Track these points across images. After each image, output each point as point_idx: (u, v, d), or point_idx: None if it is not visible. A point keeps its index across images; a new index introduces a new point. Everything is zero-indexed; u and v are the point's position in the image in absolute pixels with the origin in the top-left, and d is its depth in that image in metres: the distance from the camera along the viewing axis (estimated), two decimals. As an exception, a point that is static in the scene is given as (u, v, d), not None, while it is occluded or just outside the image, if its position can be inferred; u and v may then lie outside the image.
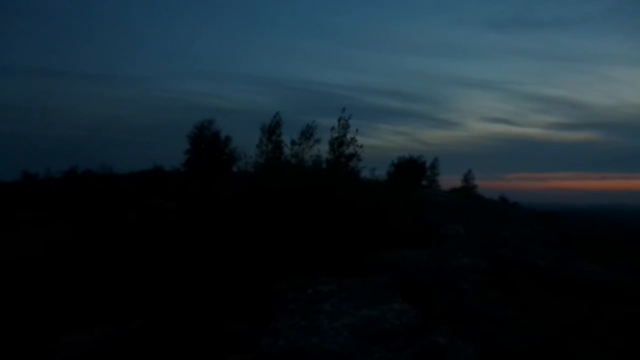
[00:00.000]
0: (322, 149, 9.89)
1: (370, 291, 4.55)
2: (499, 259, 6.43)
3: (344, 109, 9.62)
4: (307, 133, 10.34)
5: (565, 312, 4.44)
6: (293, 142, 10.28)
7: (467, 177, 19.58)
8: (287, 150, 10.44)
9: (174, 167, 17.17)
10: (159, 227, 7.75)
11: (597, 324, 4.42)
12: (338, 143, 9.62)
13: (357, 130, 9.66)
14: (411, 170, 16.97)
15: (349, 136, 9.58)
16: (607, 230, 14.32)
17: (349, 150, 9.54)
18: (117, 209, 9.49)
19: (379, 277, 5.12)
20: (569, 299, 5.06)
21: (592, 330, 4.18)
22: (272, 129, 11.14)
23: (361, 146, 9.52)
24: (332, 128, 9.71)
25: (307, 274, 5.19)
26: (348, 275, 5.19)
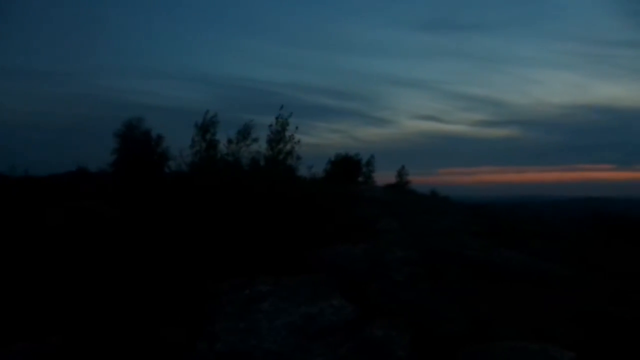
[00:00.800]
0: (261, 147, 9.76)
1: (309, 288, 4.55)
2: (431, 250, 6.71)
3: (282, 107, 9.57)
4: (245, 131, 10.16)
5: (491, 297, 4.73)
6: (229, 141, 10.05)
7: (401, 173, 20.25)
8: (222, 149, 10.19)
9: (100, 168, 16.15)
10: (83, 231, 7.26)
11: (519, 305, 4.75)
12: (276, 141, 9.55)
13: (297, 128, 9.66)
14: (347, 167, 17.24)
15: (287, 134, 9.55)
16: (527, 220, 15.44)
17: (287, 147, 9.50)
18: (34, 213, 8.77)
19: (318, 274, 5.15)
20: (494, 284, 5.40)
21: (515, 312, 4.49)
22: (206, 127, 10.81)
23: (298, 141, 9.53)
24: (270, 125, 9.63)
25: (244, 274, 5.10)
26: (286, 273, 5.16)
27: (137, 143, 15.61)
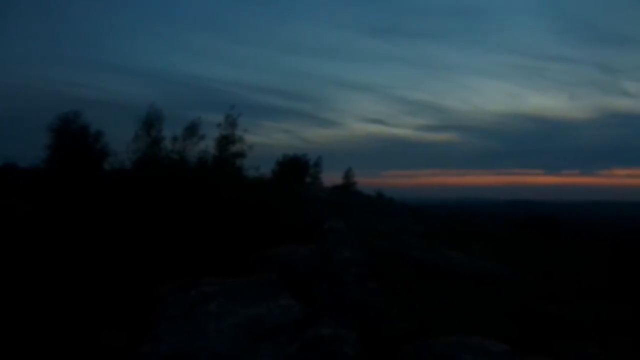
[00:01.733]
0: (208, 146, 9.57)
1: (257, 289, 4.53)
2: (377, 251, 6.87)
3: (233, 106, 9.44)
4: (191, 129, 9.90)
5: (433, 295, 4.93)
6: (175, 138, 9.77)
7: (348, 175, 20.59)
8: (168, 146, 9.88)
9: (32, 164, 15.08)
10: (10, 231, 6.77)
11: (459, 302, 4.99)
12: (225, 140, 9.40)
13: (246, 130, 9.56)
14: (295, 168, 17.28)
15: (236, 133, 9.43)
16: (466, 221, 16.22)
17: (236, 147, 9.38)
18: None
19: (265, 275, 5.12)
20: (437, 283, 5.63)
21: (456, 309, 4.71)
22: (150, 123, 10.43)
23: (251, 147, 9.45)
24: (219, 125, 9.46)
25: (190, 275, 4.98)
26: (234, 274, 5.10)
27: (73, 138, 14.73)
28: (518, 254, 9.14)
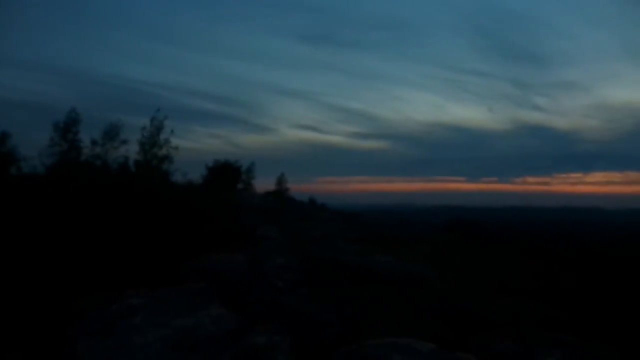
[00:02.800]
0: (131, 150, 9.08)
1: (187, 299, 4.35)
2: (310, 257, 6.90)
3: (158, 109, 9.04)
4: (112, 132, 9.35)
5: (365, 299, 5.03)
6: (94, 142, 9.17)
7: (281, 181, 20.53)
8: (86, 151, 9.26)
9: None
10: None
11: (390, 305, 5.13)
12: (150, 144, 8.97)
13: (172, 132, 9.19)
14: (227, 174, 16.91)
15: (162, 137, 9.04)
16: (395, 227, 16.80)
17: (162, 152, 8.99)
18: None
19: (196, 284, 4.94)
20: (368, 287, 5.76)
21: (388, 312, 4.84)
22: (67, 127, 9.72)
23: (176, 148, 9.09)
24: (144, 128, 9.03)
25: (115, 287, 4.68)
26: (163, 284, 4.87)
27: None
28: (443, 257, 9.62)
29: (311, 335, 3.86)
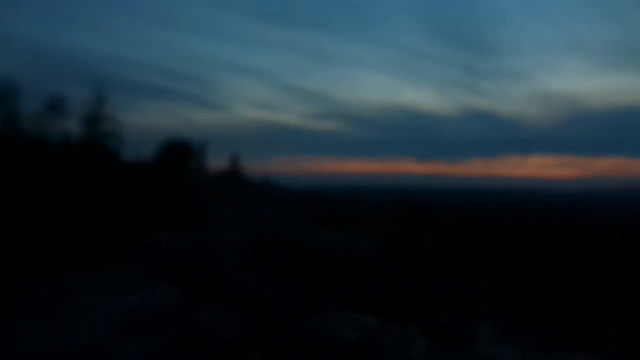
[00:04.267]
0: (72, 125, 8.64)
1: (134, 278, 4.31)
2: (261, 235, 6.95)
3: (101, 82, 8.62)
4: (53, 105, 8.85)
5: (315, 275, 5.17)
6: (33, 114, 8.65)
7: (234, 160, 20.19)
8: (25, 123, 8.72)
9: None
10: None
11: (338, 281, 5.30)
12: (93, 119, 8.58)
13: (118, 109, 8.82)
14: (179, 152, 16.45)
15: (106, 112, 8.66)
16: (347, 206, 17.11)
17: (107, 127, 8.63)
18: None
19: (144, 262, 4.89)
20: (319, 265, 5.90)
21: (335, 288, 5.00)
22: (3, 96, 9.09)
23: (122, 124, 8.75)
24: (86, 102, 8.60)
25: (57, 267, 4.53)
26: (109, 263, 4.77)
27: None
28: (391, 235, 9.96)
29: (261, 311, 3.94)
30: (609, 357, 4.25)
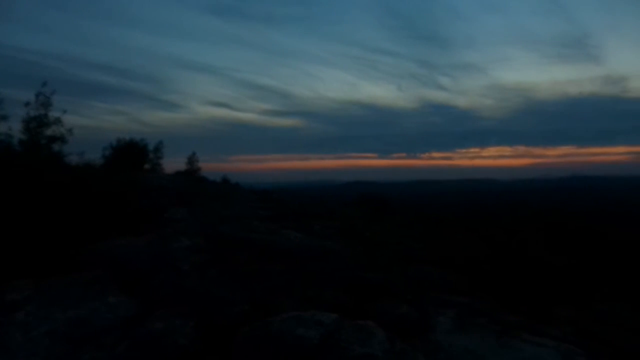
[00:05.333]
0: (11, 129, 8.08)
1: (80, 289, 4.07)
2: (219, 237, 6.77)
3: (44, 83, 8.13)
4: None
5: (274, 275, 5.07)
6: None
7: (192, 160, 19.70)
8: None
9: None
10: None
11: (299, 280, 5.23)
12: (36, 123, 8.08)
13: (64, 112, 8.34)
14: (132, 154, 15.86)
15: (51, 115, 8.18)
16: (309, 203, 17.07)
17: (52, 131, 8.15)
18: None
19: (92, 272, 4.63)
20: (278, 264, 5.80)
21: (295, 287, 4.93)
22: None
23: (70, 129, 8.29)
24: (27, 104, 8.09)
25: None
26: (54, 273, 4.49)
27: None
28: (353, 231, 9.99)
29: (217, 316, 3.82)
30: (560, 338, 4.41)
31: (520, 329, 4.63)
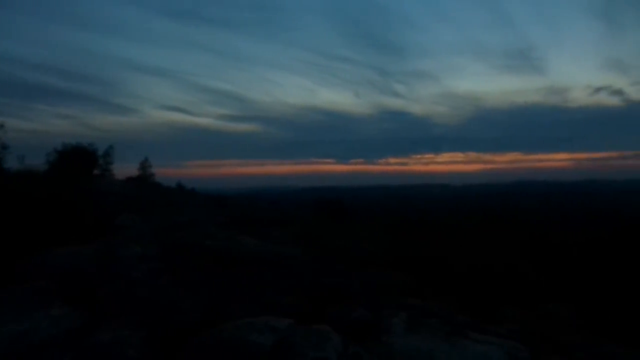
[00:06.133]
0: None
1: (21, 301, 3.85)
2: (173, 244, 6.61)
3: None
4: None
5: (228, 282, 5.01)
6: None
7: (144, 166, 19.11)
8: None
9: None
10: None
11: (255, 286, 5.19)
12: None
13: (3, 111, 7.87)
14: (80, 159, 15.18)
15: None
16: (266, 209, 16.99)
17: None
18: None
19: (35, 283, 4.40)
20: (233, 270, 5.74)
21: (250, 293, 4.88)
22: None
23: (1, 126, 7.82)
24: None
25: None
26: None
27: None
28: (310, 236, 10.02)
29: (169, 325, 3.72)
30: (505, 336, 4.61)
31: (469, 329, 4.80)
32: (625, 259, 9.23)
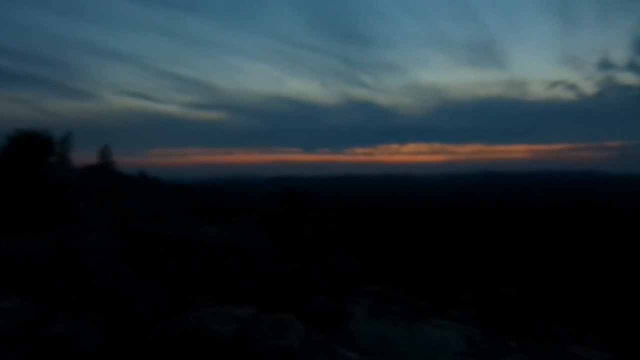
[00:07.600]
0: None
1: (-30, 293, 3.68)
2: (133, 233, 6.45)
3: None
4: None
5: (190, 271, 4.95)
6: None
7: (104, 153, 18.41)
8: None
9: None
10: None
11: (217, 275, 5.15)
12: None
13: None
14: (34, 145, 14.47)
15: None
16: (231, 198, 16.77)
17: None
18: None
19: (-16, 274, 4.21)
20: (195, 259, 5.67)
21: (213, 282, 4.85)
22: None
23: None
24: None
25: None
26: None
27: None
28: (274, 225, 10.01)
29: (129, 315, 3.65)
30: (463, 320, 4.78)
31: (430, 315, 4.96)
32: (574, 245, 9.73)
